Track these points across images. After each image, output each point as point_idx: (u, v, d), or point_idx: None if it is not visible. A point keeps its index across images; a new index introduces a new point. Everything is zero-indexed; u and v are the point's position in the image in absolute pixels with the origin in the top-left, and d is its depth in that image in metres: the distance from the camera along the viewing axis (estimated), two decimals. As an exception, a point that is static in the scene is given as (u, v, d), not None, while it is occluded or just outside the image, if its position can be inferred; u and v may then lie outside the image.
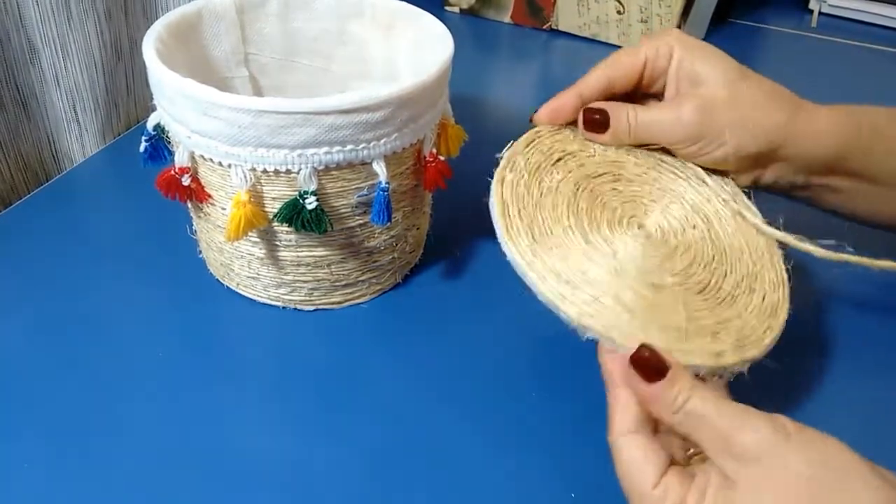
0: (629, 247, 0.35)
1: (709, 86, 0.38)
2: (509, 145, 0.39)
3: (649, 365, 0.29)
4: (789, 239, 0.38)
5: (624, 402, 0.30)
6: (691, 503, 0.27)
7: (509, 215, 0.35)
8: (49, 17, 0.53)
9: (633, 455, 0.29)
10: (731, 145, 0.38)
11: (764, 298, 0.36)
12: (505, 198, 0.36)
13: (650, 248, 0.36)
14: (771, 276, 0.37)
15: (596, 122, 0.39)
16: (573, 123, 0.41)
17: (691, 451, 0.31)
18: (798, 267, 0.39)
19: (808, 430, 0.27)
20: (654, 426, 0.31)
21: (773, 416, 0.27)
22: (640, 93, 0.42)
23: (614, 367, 0.31)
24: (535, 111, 0.41)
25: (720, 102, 0.38)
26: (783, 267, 0.38)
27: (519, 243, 0.34)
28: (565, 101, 0.40)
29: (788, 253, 0.39)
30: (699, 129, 0.38)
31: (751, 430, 0.27)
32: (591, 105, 0.40)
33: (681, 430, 0.29)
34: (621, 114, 0.39)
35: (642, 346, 0.30)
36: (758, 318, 0.35)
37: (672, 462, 0.29)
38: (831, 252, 0.38)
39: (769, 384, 0.35)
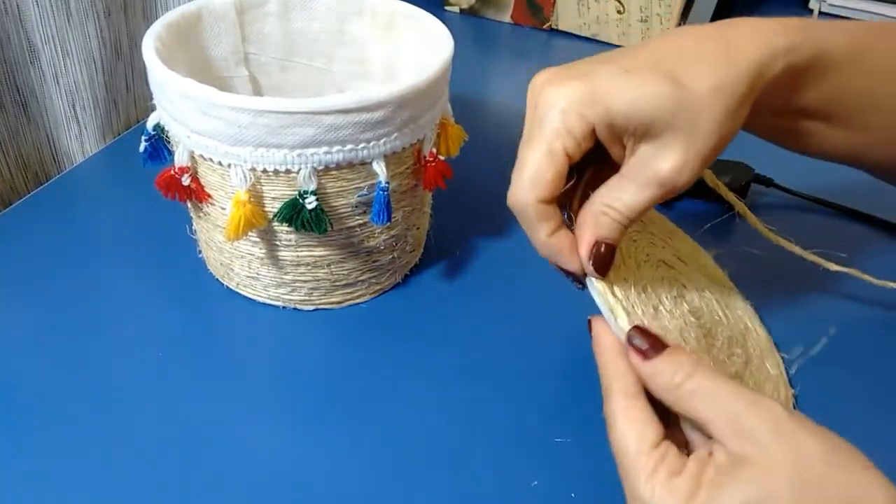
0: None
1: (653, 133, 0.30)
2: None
3: (647, 341, 0.29)
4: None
5: (621, 370, 0.30)
6: (690, 474, 0.26)
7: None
8: (49, 17, 0.53)
9: (631, 416, 0.28)
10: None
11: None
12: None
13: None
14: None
15: (607, 262, 0.32)
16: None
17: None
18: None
19: (827, 429, 0.26)
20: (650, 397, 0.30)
21: (789, 407, 0.27)
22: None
23: (608, 341, 0.31)
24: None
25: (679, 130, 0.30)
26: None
27: None
28: (560, 248, 0.32)
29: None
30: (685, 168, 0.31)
31: (764, 408, 0.26)
32: (589, 252, 0.32)
33: (682, 407, 0.28)
34: (609, 225, 0.32)
35: (637, 325, 0.29)
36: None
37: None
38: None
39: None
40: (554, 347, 0.44)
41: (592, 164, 0.33)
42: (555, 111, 0.30)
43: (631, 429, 0.28)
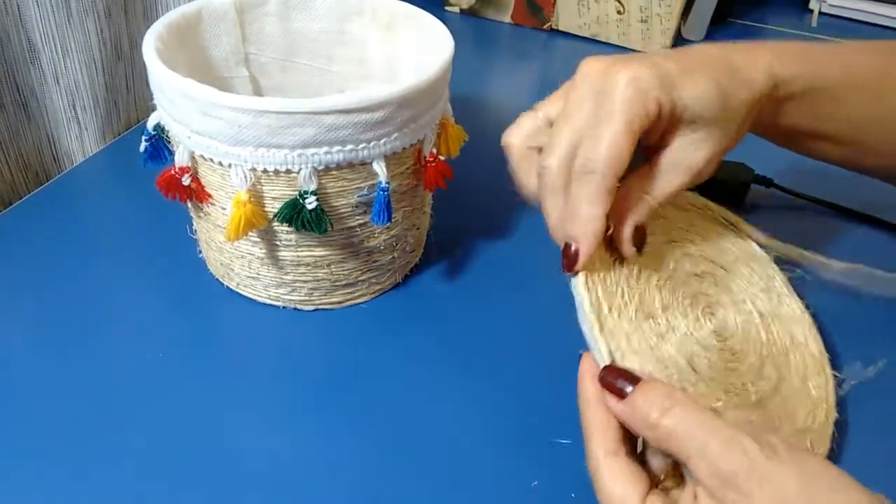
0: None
1: (702, 122, 0.33)
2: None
3: (619, 379, 0.29)
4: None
5: (601, 423, 0.30)
6: None
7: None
8: (49, 17, 0.53)
9: (614, 479, 0.28)
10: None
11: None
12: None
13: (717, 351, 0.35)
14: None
15: (642, 244, 0.35)
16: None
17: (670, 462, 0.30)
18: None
19: (794, 448, 0.26)
20: (634, 445, 0.30)
21: (764, 436, 0.26)
22: None
23: (589, 390, 0.31)
24: (570, 262, 0.33)
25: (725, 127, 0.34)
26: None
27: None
28: (599, 234, 0.32)
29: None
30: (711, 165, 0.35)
31: (739, 450, 0.26)
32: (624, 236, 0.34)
33: (661, 445, 0.28)
34: (645, 210, 0.34)
35: (609, 366, 0.30)
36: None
37: (653, 483, 0.29)
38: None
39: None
40: (554, 347, 0.44)
41: None
42: (632, 90, 0.31)
43: (616, 487, 0.28)
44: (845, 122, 0.38)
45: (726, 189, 0.56)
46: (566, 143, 0.32)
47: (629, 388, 0.29)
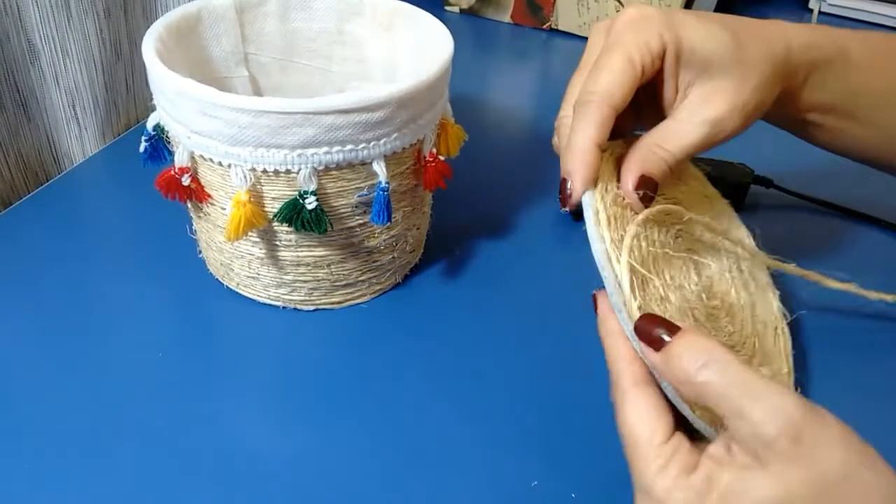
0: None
1: (715, 71, 0.33)
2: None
3: (657, 328, 0.27)
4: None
5: (629, 355, 0.29)
6: (704, 472, 0.25)
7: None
8: (49, 17, 0.53)
9: (642, 405, 0.27)
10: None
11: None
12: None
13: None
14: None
15: (649, 196, 0.33)
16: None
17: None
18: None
19: (847, 427, 0.24)
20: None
21: (808, 400, 0.25)
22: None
23: (614, 323, 0.29)
24: (565, 196, 0.32)
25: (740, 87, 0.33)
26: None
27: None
28: (591, 162, 0.31)
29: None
30: (731, 123, 0.34)
31: (783, 415, 0.24)
32: (636, 185, 0.32)
33: (699, 401, 0.26)
34: (656, 162, 0.33)
35: (647, 314, 0.28)
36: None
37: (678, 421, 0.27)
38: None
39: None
40: (554, 347, 0.44)
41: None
42: (634, 25, 0.32)
43: (641, 418, 0.27)
44: (870, 98, 0.37)
45: (726, 189, 0.56)
46: (577, 90, 0.33)
47: (667, 338, 0.27)
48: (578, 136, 0.31)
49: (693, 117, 0.33)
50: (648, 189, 0.32)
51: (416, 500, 0.36)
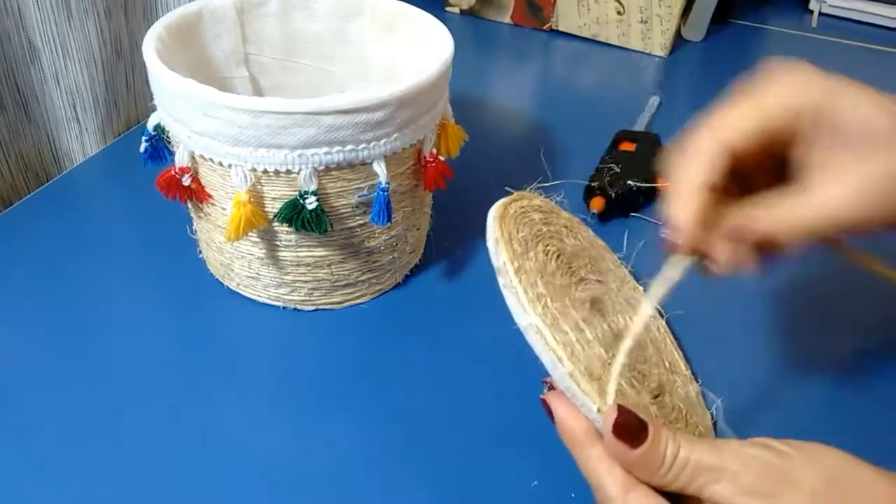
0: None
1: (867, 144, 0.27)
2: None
3: (632, 428, 0.26)
4: None
5: (608, 463, 0.27)
6: None
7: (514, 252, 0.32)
8: (49, 17, 0.53)
9: None
10: None
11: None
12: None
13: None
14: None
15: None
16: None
17: None
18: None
19: (803, 444, 0.26)
20: None
21: (762, 440, 0.26)
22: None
23: (578, 427, 0.28)
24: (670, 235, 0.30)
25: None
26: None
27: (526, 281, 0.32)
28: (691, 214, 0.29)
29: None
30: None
31: (757, 464, 0.25)
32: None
33: (677, 485, 0.26)
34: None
35: (620, 408, 0.27)
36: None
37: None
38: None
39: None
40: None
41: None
42: (774, 77, 0.29)
43: None
44: None
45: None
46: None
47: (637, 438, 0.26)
48: (680, 173, 0.29)
49: (812, 195, 0.28)
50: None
51: (417, 499, 0.36)
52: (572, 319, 0.31)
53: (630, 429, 0.26)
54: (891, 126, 0.27)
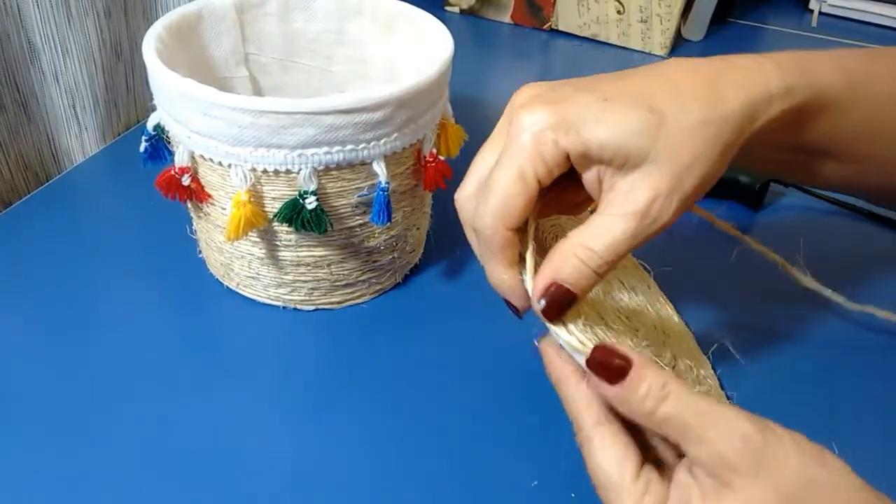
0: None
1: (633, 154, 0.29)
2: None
3: (610, 364, 0.26)
4: None
5: (586, 396, 0.28)
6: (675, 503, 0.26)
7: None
8: (49, 17, 0.53)
9: (608, 446, 0.27)
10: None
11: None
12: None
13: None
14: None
15: (555, 309, 0.31)
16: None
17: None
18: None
19: (796, 433, 0.26)
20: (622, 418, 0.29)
21: (757, 417, 0.26)
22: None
23: (563, 368, 0.30)
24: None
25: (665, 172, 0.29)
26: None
27: None
28: (516, 286, 0.32)
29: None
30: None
31: (740, 435, 0.25)
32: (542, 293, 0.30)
33: (659, 432, 0.26)
34: (574, 267, 0.30)
35: (598, 346, 0.27)
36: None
37: (646, 452, 0.28)
38: None
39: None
40: (554, 347, 0.44)
41: (556, 185, 0.31)
42: (527, 135, 0.29)
43: (609, 459, 0.27)
44: (850, 134, 0.34)
45: (744, 190, 0.55)
46: (473, 180, 0.32)
47: (618, 373, 0.27)
48: (492, 271, 0.31)
49: (616, 210, 0.29)
50: (562, 297, 0.30)
51: (416, 499, 0.36)
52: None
53: (607, 365, 0.27)
54: (640, 146, 0.28)
